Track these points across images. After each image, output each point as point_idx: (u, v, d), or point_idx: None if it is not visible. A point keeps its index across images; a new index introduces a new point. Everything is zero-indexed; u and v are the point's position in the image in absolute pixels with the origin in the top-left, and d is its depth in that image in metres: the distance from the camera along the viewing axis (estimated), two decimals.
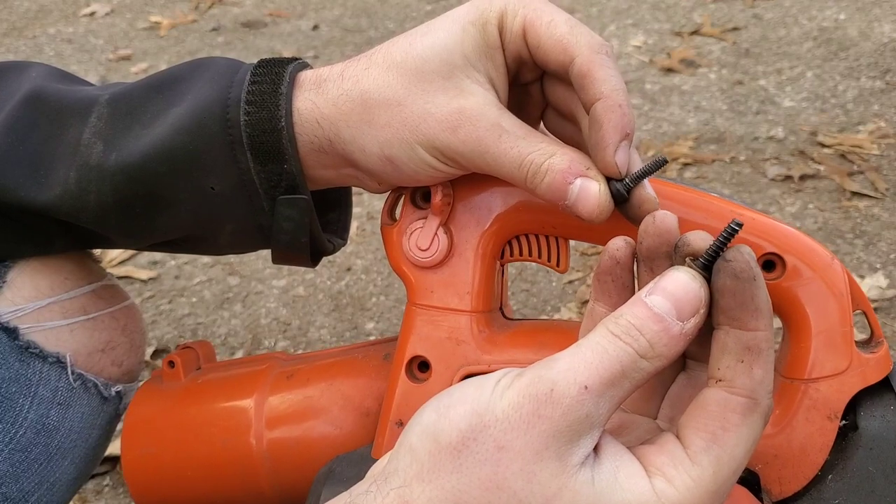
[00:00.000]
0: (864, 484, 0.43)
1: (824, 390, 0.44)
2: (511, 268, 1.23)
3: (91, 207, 0.45)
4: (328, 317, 1.20)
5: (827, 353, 0.44)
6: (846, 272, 0.45)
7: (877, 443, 0.43)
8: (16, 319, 0.49)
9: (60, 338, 0.50)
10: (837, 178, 1.33)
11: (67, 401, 0.51)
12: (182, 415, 0.54)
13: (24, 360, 0.49)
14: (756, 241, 0.44)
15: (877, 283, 1.13)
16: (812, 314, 0.44)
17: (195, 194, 0.45)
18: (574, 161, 0.41)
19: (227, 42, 2.08)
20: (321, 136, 0.44)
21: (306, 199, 0.45)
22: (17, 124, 0.46)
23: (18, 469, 0.49)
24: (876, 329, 0.45)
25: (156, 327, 1.21)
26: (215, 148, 0.43)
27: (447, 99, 0.42)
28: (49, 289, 0.50)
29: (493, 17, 0.42)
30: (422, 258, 0.47)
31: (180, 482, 0.54)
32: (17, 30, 2.25)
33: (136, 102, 0.46)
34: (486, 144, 0.41)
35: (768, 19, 1.86)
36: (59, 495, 0.52)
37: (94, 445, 0.54)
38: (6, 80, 0.49)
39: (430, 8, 2.11)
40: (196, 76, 0.45)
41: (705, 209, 0.45)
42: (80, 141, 0.45)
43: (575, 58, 0.41)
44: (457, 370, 0.47)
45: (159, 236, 0.48)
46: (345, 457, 0.49)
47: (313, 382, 0.53)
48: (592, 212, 0.41)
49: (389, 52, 0.44)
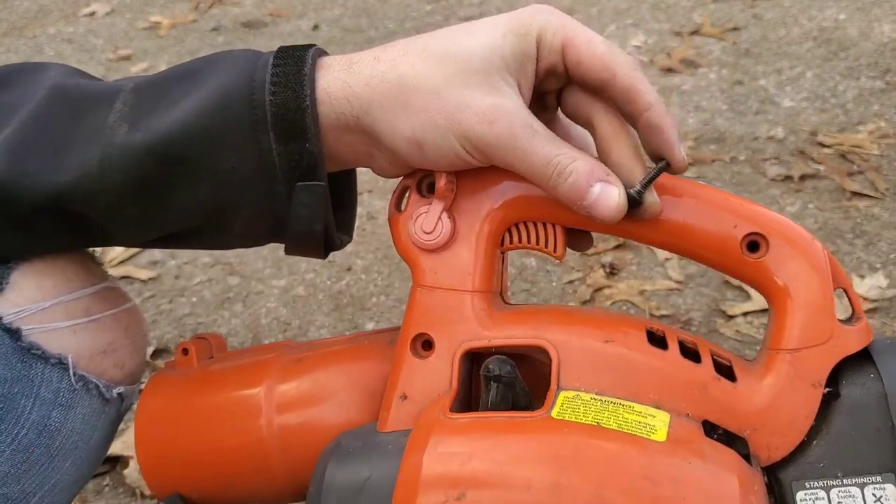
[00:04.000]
0: (848, 447, 0.45)
1: (808, 359, 0.46)
2: (511, 268, 1.23)
3: (109, 188, 0.46)
4: (328, 317, 1.20)
5: (810, 325, 0.47)
6: (826, 252, 0.48)
7: (858, 408, 0.46)
8: (18, 321, 0.49)
9: (63, 339, 0.50)
10: (837, 177, 1.33)
11: (69, 402, 0.51)
12: (195, 400, 0.56)
13: (27, 362, 0.49)
14: (741, 223, 0.48)
15: (877, 283, 1.13)
16: (795, 289, 0.47)
17: (215, 174, 0.46)
18: (596, 167, 0.46)
19: (228, 42, 2.08)
20: (349, 112, 0.46)
21: (323, 185, 0.47)
22: (41, 116, 0.47)
23: (20, 470, 0.49)
24: (856, 307, 0.48)
25: (156, 327, 1.21)
26: (238, 127, 0.45)
27: (484, 94, 0.45)
28: (52, 290, 0.50)
29: (533, 30, 0.46)
30: (426, 241, 0.49)
31: (193, 465, 0.55)
32: (17, 29, 2.26)
33: (161, 89, 0.47)
34: (519, 140, 0.45)
35: (768, 19, 1.86)
36: (60, 496, 0.52)
37: (95, 447, 0.54)
38: (26, 78, 0.50)
39: (430, 8, 2.11)
40: (218, 65, 0.47)
41: (707, 200, 0.49)
42: (104, 125, 0.46)
43: (616, 74, 0.46)
44: (459, 345, 0.49)
45: (172, 223, 0.49)
46: (350, 431, 0.50)
47: (321, 366, 0.55)
48: (610, 212, 0.46)
49: (428, 44, 0.46)
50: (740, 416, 0.46)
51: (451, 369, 0.48)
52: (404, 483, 0.43)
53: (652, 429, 0.44)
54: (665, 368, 0.47)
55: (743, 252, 0.48)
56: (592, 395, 0.46)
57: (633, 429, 0.44)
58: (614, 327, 0.49)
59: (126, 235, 0.51)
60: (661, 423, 0.44)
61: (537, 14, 0.47)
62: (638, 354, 0.47)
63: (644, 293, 1.18)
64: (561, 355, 0.47)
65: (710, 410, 0.46)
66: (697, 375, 0.47)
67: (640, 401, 0.46)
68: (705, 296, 1.16)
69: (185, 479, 0.55)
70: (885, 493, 0.45)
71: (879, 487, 0.45)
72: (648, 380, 0.46)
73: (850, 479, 0.45)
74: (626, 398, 0.46)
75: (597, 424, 0.44)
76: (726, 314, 1.12)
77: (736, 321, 1.11)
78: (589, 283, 1.20)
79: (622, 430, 0.44)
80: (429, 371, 0.48)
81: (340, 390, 0.54)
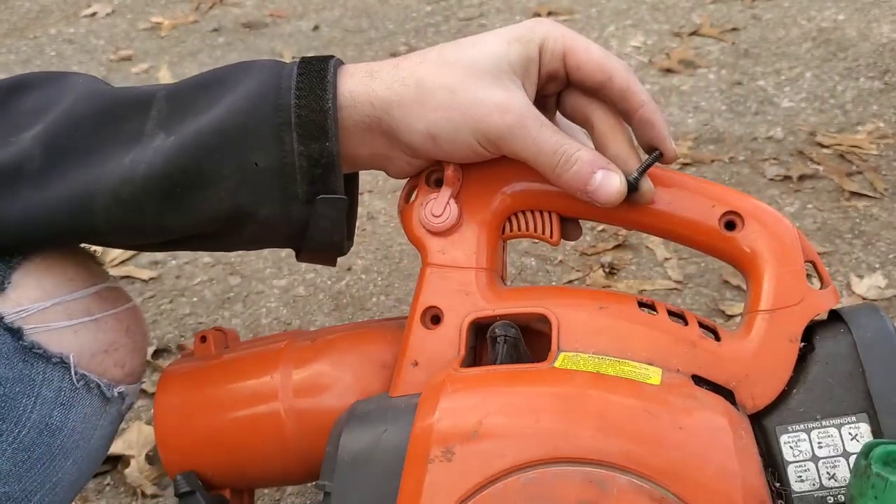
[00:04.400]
0: (824, 393, 0.50)
1: (784, 317, 0.51)
2: (511, 268, 1.24)
3: (135, 181, 0.48)
4: (329, 317, 1.20)
5: (783, 288, 0.52)
6: (795, 227, 0.54)
7: (831, 357, 0.50)
8: (20, 320, 0.49)
9: (64, 339, 0.51)
10: (836, 178, 1.33)
11: (70, 401, 0.51)
12: (214, 384, 0.59)
13: (28, 361, 0.49)
14: (718, 205, 0.54)
15: (875, 282, 1.14)
16: (768, 258, 0.53)
17: (239, 170, 0.49)
18: (597, 156, 0.51)
19: (228, 43, 2.09)
20: (371, 114, 0.51)
21: (345, 199, 0.51)
22: (74, 118, 0.50)
23: (21, 469, 0.50)
24: (824, 276, 0.53)
25: (157, 327, 1.22)
26: (265, 127, 0.49)
27: (496, 92, 0.50)
28: (54, 290, 0.51)
29: (536, 37, 0.51)
30: (435, 223, 0.54)
31: (210, 445, 0.58)
32: (18, 30, 2.26)
33: (191, 97, 0.51)
34: (529, 129, 0.50)
35: (767, 20, 1.87)
36: (61, 495, 0.53)
37: (96, 446, 0.55)
38: (54, 83, 0.53)
39: (430, 9, 2.11)
40: (243, 73, 0.51)
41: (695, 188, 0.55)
42: (143, 131, 0.50)
43: (612, 76, 0.51)
44: (465, 316, 0.53)
45: (188, 227, 0.51)
46: (364, 399, 0.54)
47: (335, 347, 0.59)
48: (611, 197, 0.51)
49: (442, 53, 0.52)
50: (726, 370, 0.50)
51: (459, 337, 0.52)
52: (420, 429, 0.45)
53: (647, 377, 0.47)
54: (655, 329, 0.51)
55: (721, 230, 0.53)
56: (590, 354, 0.50)
57: (630, 377, 0.47)
58: (607, 297, 0.53)
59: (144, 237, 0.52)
60: (654, 374, 0.48)
61: (538, 25, 0.52)
62: (630, 318, 0.51)
63: (643, 293, 1.18)
64: (560, 321, 0.51)
65: (699, 365, 0.50)
66: (685, 334, 0.51)
67: (634, 359, 0.50)
68: (704, 295, 1.16)
69: (201, 458, 0.58)
70: (859, 430, 0.48)
71: (855, 426, 0.48)
72: (640, 339, 0.51)
73: (828, 421, 0.49)
74: (621, 357, 0.50)
75: (597, 372, 0.47)
76: (725, 314, 1.13)
77: (735, 321, 1.11)
78: (588, 283, 1.20)
79: (620, 377, 0.47)
80: (438, 340, 0.52)
81: (354, 369, 0.57)
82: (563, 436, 0.44)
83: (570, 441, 0.43)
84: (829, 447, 0.48)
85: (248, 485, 0.62)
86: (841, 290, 1.13)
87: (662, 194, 0.54)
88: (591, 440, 0.43)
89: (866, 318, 0.51)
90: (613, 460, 0.43)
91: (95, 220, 0.49)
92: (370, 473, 0.46)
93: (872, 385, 0.48)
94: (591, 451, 0.43)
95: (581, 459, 0.43)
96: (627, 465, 0.43)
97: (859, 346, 0.50)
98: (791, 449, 0.49)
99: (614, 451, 0.43)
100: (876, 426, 0.48)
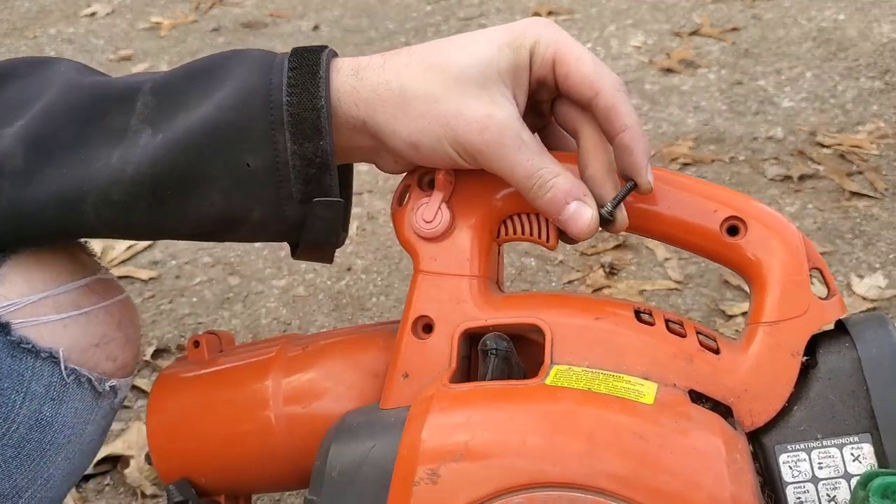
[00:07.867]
0: (826, 411, 0.48)
1: (786, 330, 0.49)
2: (511, 268, 1.23)
3: (124, 182, 0.47)
4: (328, 317, 1.20)
5: (787, 299, 0.50)
6: (801, 233, 0.51)
7: (834, 374, 0.48)
8: (8, 315, 0.49)
9: (53, 333, 0.50)
10: (836, 178, 1.33)
11: (61, 396, 0.51)
12: (206, 390, 0.59)
13: (17, 356, 0.49)
14: (720, 208, 0.51)
15: (876, 283, 1.13)
16: (772, 267, 0.50)
17: (230, 171, 0.48)
18: (575, 186, 0.49)
19: (228, 42, 2.08)
20: (357, 116, 0.49)
21: (342, 202, 0.50)
22: (56, 113, 0.48)
23: (11, 465, 0.49)
24: (831, 285, 0.51)
25: (156, 327, 1.21)
26: (256, 126, 0.48)
27: (480, 104, 0.48)
28: (42, 283, 0.50)
29: (526, 42, 0.49)
30: (427, 229, 0.52)
31: (202, 452, 0.58)
32: (17, 30, 2.26)
33: (179, 90, 0.49)
34: (506, 150, 0.48)
35: (767, 20, 1.86)
36: (52, 491, 0.52)
37: (88, 441, 0.54)
38: (37, 73, 0.51)
39: (430, 8, 2.11)
40: (233, 64, 0.50)
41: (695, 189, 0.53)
42: (127, 127, 0.48)
43: (599, 93, 0.49)
44: (457, 326, 0.51)
45: (184, 227, 0.50)
46: (354, 411, 0.53)
47: (326, 355, 0.58)
48: (581, 231, 0.49)
49: (430, 54, 0.50)
50: (724, 385, 0.49)
51: (451, 348, 0.50)
52: (406, 448, 0.45)
53: (640, 394, 0.46)
54: (652, 342, 0.49)
55: (723, 235, 0.51)
56: (584, 367, 0.48)
57: (623, 394, 0.46)
58: (603, 307, 0.51)
59: (129, 235, 0.51)
60: (648, 391, 0.46)
61: (531, 27, 0.50)
62: (626, 330, 0.50)
63: (643, 293, 1.18)
64: (554, 332, 0.49)
65: (696, 380, 0.48)
66: (683, 348, 0.49)
67: (629, 373, 0.48)
68: (704, 296, 1.16)
69: (195, 465, 0.58)
70: (862, 451, 0.47)
71: (857, 447, 0.47)
72: (636, 353, 0.49)
73: (829, 441, 0.47)
74: (616, 370, 0.48)
75: (588, 390, 0.46)
76: (725, 314, 1.12)
77: (735, 321, 1.11)
78: (588, 283, 1.20)
79: (612, 394, 0.45)
80: (429, 351, 0.51)
81: (346, 377, 0.56)
82: (550, 460, 0.43)
83: (557, 465, 0.42)
84: (830, 468, 0.47)
85: (242, 491, 0.62)
86: (841, 290, 1.12)
87: (663, 198, 0.52)
88: (578, 465, 0.42)
89: (872, 332, 0.49)
90: (601, 485, 0.42)
91: (85, 220, 0.48)
92: (357, 490, 0.46)
93: (876, 404, 0.46)
94: (578, 476, 0.42)
95: (568, 484, 0.42)
96: (615, 490, 0.42)
97: (864, 362, 0.48)
98: (790, 469, 0.47)
99: (602, 476, 0.42)
100: (879, 447, 0.46)
